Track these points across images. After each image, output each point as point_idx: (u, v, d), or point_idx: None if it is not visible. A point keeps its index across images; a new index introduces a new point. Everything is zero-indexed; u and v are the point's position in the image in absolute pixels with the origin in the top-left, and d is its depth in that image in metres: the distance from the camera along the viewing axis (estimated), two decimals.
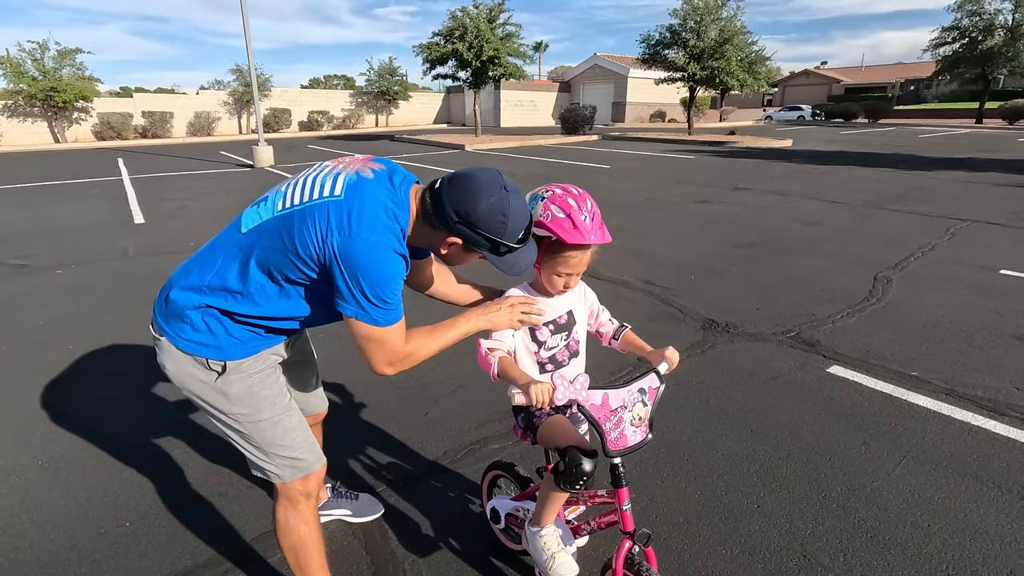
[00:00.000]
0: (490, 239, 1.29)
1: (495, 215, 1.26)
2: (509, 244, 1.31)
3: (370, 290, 1.25)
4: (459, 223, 1.28)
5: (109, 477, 2.36)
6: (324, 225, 1.25)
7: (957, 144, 19.20)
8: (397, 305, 1.32)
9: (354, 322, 1.30)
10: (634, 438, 1.41)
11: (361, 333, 1.32)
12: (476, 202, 1.26)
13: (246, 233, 1.34)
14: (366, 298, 1.26)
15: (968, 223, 6.89)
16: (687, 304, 4.28)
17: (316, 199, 1.29)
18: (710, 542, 1.98)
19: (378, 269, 1.25)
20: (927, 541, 1.96)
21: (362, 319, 1.29)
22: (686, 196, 9.17)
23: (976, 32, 29.59)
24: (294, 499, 1.48)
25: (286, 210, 1.30)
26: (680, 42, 22.18)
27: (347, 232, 1.24)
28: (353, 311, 1.28)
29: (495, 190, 1.27)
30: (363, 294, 1.26)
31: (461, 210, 1.27)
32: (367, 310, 1.28)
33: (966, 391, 2.97)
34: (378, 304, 1.28)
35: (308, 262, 1.28)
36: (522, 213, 1.31)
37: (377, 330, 1.31)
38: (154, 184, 11.38)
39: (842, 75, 57.46)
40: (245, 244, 1.33)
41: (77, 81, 24.68)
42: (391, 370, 1.38)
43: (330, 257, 1.25)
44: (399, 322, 1.34)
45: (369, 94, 35.95)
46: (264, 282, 1.33)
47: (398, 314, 1.33)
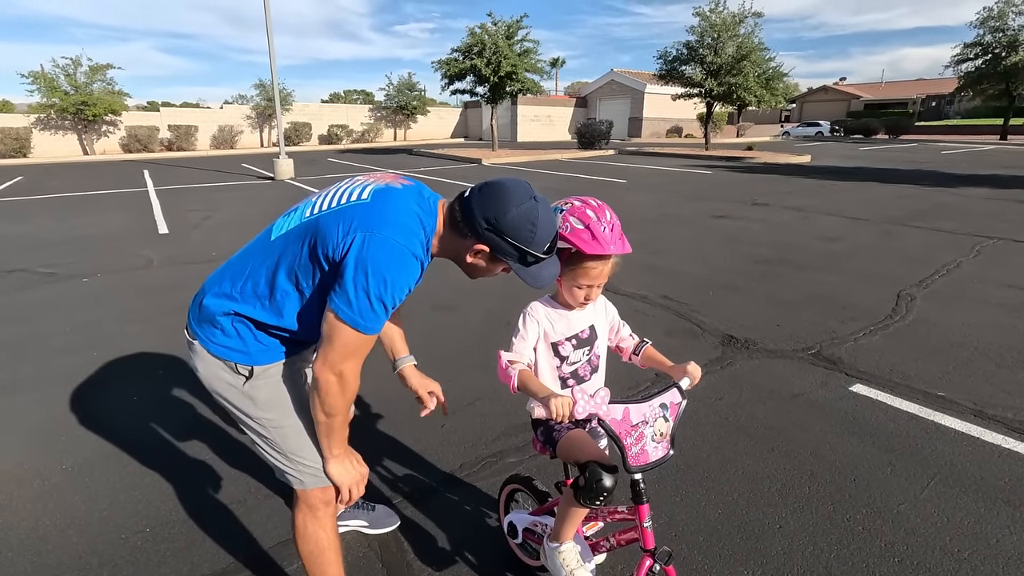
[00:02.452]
0: (518, 247, 1.29)
1: (524, 223, 1.27)
2: (536, 254, 1.30)
3: (374, 288, 1.22)
4: (488, 230, 1.28)
5: (131, 483, 2.39)
6: (349, 224, 1.26)
7: (981, 161, 18.88)
8: (385, 316, 1.28)
9: (333, 318, 1.24)
10: (655, 454, 1.40)
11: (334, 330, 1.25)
12: (506, 210, 1.26)
13: (275, 240, 1.37)
14: (366, 295, 1.22)
15: (994, 241, 6.75)
16: (706, 320, 4.24)
17: (344, 204, 1.32)
18: (731, 562, 1.94)
19: (391, 269, 1.23)
20: (957, 567, 1.90)
21: (343, 315, 1.23)
22: (704, 211, 9.13)
23: (1000, 48, 29.20)
24: (314, 506, 1.48)
25: (314, 216, 1.33)
26: (697, 58, 22.21)
27: (371, 229, 1.24)
28: (341, 303, 1.23)
29: (525, 199, 1.28)
30: (365, 290, 1.22)
31: (491, 217, 1.27)
32: (356, 307, 1.22)
33: (996, 412, 2.89)
34: (372, 304, 1.23)
35: (328, 264, 1.27)
36: (550, 224, 1.31)
37: (352, 332, 1.25)
38: (178, 195, 11.64)
39: (861, 91, 56.99)
40: (274, 251, 1.36)
41: (107, 96, 25.46)
42: (334, 381, 1.28)
43: (348, 252, 1.23)
44: (375, 335, 1.29)
45: (388, 108, 36.54)
46: (289, 289, 1.34)
47: (381, 325, 1.28)
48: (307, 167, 17.90)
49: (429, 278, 4.67)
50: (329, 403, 1.32)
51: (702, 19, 21.66)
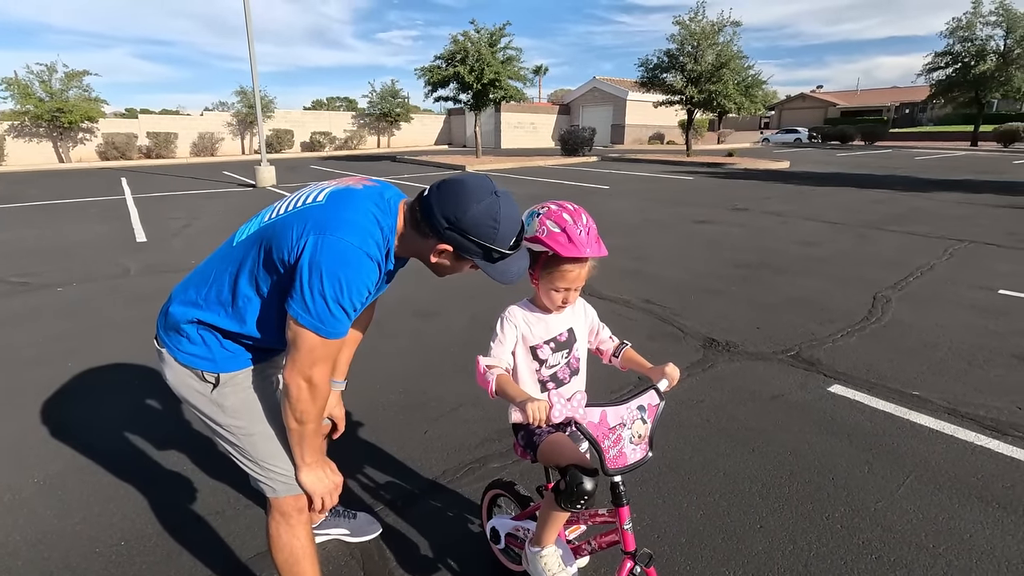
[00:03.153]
0: (481, 245, 1.27)
1: (486, 220, 1.25)
2: (501, 250, 1.29)
3: (330, 290, 1.20)
4: (449, 229, 1.26)
5: (106, 496, 2.34)
6: (303, 228, 1.25)
7: (953, 166, 19.38)
8: (347, 320, 1.26)
9: (294, 324, 1.23)
10: (633, 456, 1.40)
11: (297, 337, 1.24)
12: (466, 207, 1.24)
13: (237, 246, 1.37)
14: (323, 298, 1.20)
15: (966, 244, 6.93)
16: (687, 323, 4.28)
17: (300, 207, 1.31)
18: (712, 563, 1.95)
19: (346, 270, 1.21)
20: (932, 563, 1.94)
21: (303, 321, 1.21)
22: (685, 216, 9.23)
23: (969, 57, 30.05)
24: (287, 514, 1.46)
25: (272, 220, 1.33)
26: (678, 66, 22.56)
27: (323, 231, 1.22)
28: (299, 308, 1.21)
29: (485, 195, 1.26)
30: (321, 294, 1.20)
31: (451, 215, 1.25)
32: (315, 312, 1.21)
33: (968, 411, 2.95)
34: (331, 308, 1.21)
35: (284, 269, 1.26)
36: (513, 218, 1.29)
37: (315, 338, 1.23)
38: (157, 203, 11.46)
39: (838, 98, 58.25)
40: (235, 256, 1.35)
41: (83, 102, 25.02)
42: (304, 387, 1.27)
43: (301, 255, 1.21)
44: (340, 340, 1.28)
45: (371, 115, 36.43)
46: (251, 295, 1.33)
47: (344, 328, 1.27)
48: (289, 174, 17.76)
49: (409, 284, 4.70)
50: (300, 409, 1.30)
51: (682, 27, 22.03)
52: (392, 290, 5.46)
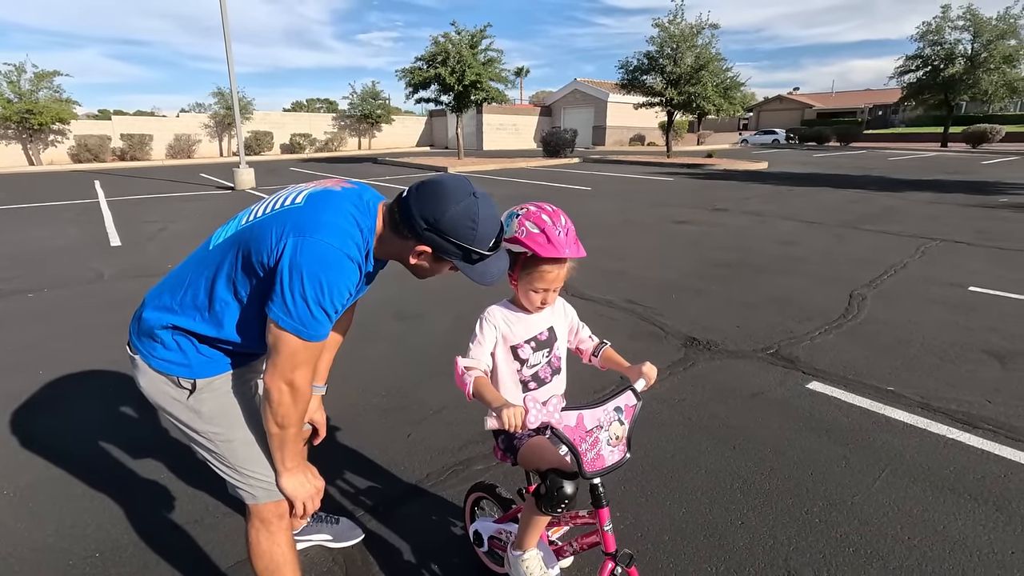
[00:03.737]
0: (460, 246, 1.27)
1: (464, 221, 1.25)
2: (480, 251, 1.29)
3: (311, 293, 1.19)
4: (428, 230, 1.26)
5: (80, 506, 2.28)
6: (282, 230, 1.24)
7: (924, 167, 19.88)
8: (328, 322, 1.26)
9: (275, 327, 1.22)
10: (611, 458, 1.40)
11: (278, 340, 1.23)
12: (444, 208, 1.24)
13: (213, 250, 1.35)
14: (304, 301, 1.19)
15: (938, 242, 7.10)
16: (669, 323, 4.32)
17: (279, 209, 1.30)
18: (695, 560, 1.97)
19: (327, 272, 1.21)
20: (908, 554, 1.98)
21: (284, 324, 1.20)
22: (666, 217, 9.32)
23: (938, 60, 30.86)
24: (267, 520, 1.44)
25: (250, 223, 1.31)
26: (657, 68, 22.78)
27: (303, 233, 1.22)
28: (279, 311, 1.20)
29: (464, 196, 1.25)
30: (302, 296, 1.19)
31: (429, 217, 1.25)
32: (296, 314, 1.20)
33: (941, 405, 3.03)
34: (312, 311, 1.20)
35: (264, 272, 1.25)
36: (492, 219, 1.29)
37: (296, 341, 1.22)
38: (132, 206, 11.23)
39: (814, 100, 59.39)
40: (212, 260, 1.33)
41: (54, 103, 24.38)
42: (286, 390, 1.26)
43: (281, 258, 1.21)
44: (321, 342, 1.27)
45: (352, 117, 36.13)
46: (228, 299, 1.31)
47: (325, 331, 1.26)
48: (269, 176, 17.52)
49: (391, 286, 4.67)
50: (282, 414, 1.29)
51: (661, 30, 22.25)
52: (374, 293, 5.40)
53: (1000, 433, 2.74)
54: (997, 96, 30.07)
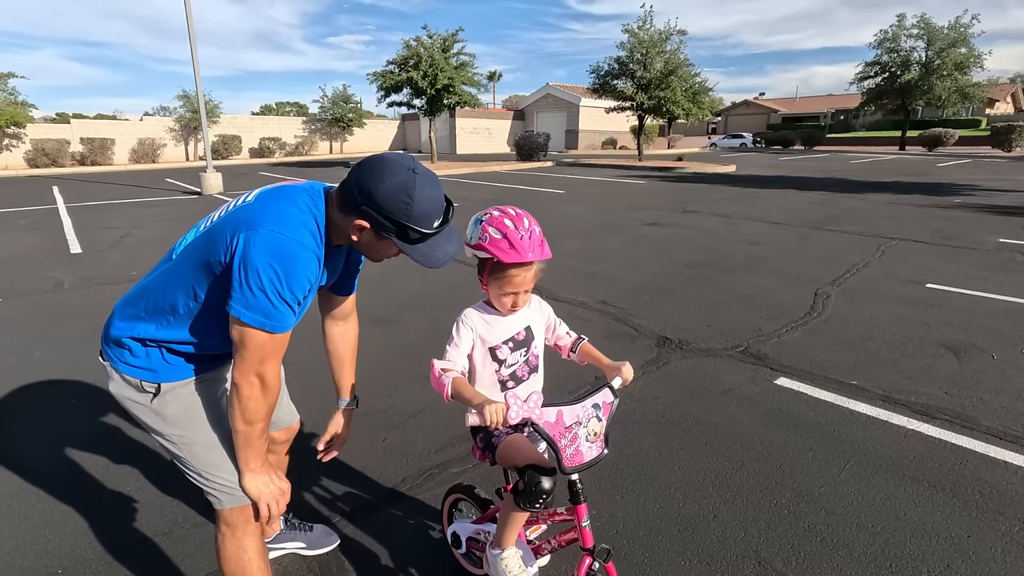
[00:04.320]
0: (395, 221, 1.25)
1: (399, 195, 1.23)
2: (418, 229, 1.26)
3: (268, 284, 1.19)
4: (363, 204, 1.25)
5: (40, 522, 2.20)
6: (234, 228, 1.25)
7: (883, 169, 20.61)
8: (291, 313, 1.25)
9: (238, 324, 1.21)
10: (590, 454, 1.43)
11: (244, 336, 1.22)
12: (379, 181, 1.23)
13: (176, 258, 1.36)
14: (263, 293, 1.19)
15: (897, 241, 7.38)
16: (641, 323, 4.39)
17: (231, 209, 1.32)
18: (669, 554, 2.01)
19: (281, 262, 1.20)
20: (871, 541, 2.05)
21: (247, 319, 1.20)
22: (638, 219, 9.46)
23: (895, 67, 32.10)
24: (233, 525, 1.44)
25: (207, 228, 1.33)
26: (628, 73, 23.12)
27: (253, 227, 1.22)
28: (240, 306, 1.20)
29: (401, 171, 1.24)
30: (260, 288, 1.19)
31: (365, 188, 1.24)
32: (257, 307, 1.19)
33: (901, 397, 3.14)
34: (273, 301, 1.20)
35: (222, 271, 1.25)
36: (430, 199, 1.26)
37: (260, 334, 1.22)
38: (93, 212, 10.87)
39: (779, 105, 61.02)
40: (175, 269, 1.35)
41: (8, 107, 23.47)
42: (256, 384, 1.27)
43: (235, 254, 1.21)
44: (287, 333, 1.27)
45: (323, 121, 35.68)
46: (192, 305, 1.33)
47: (290, 321, 1.27)
48: (237, 180, 17.17)
49: (367, 292, 4.63)
50: (251, 408, 1.29)
51: (631, 35, 22.60)
52: None
53: (956, 423, 2.87)
54: (950, 101, 31.43)
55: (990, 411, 2.98)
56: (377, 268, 1.39)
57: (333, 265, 1.48)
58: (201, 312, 1.33)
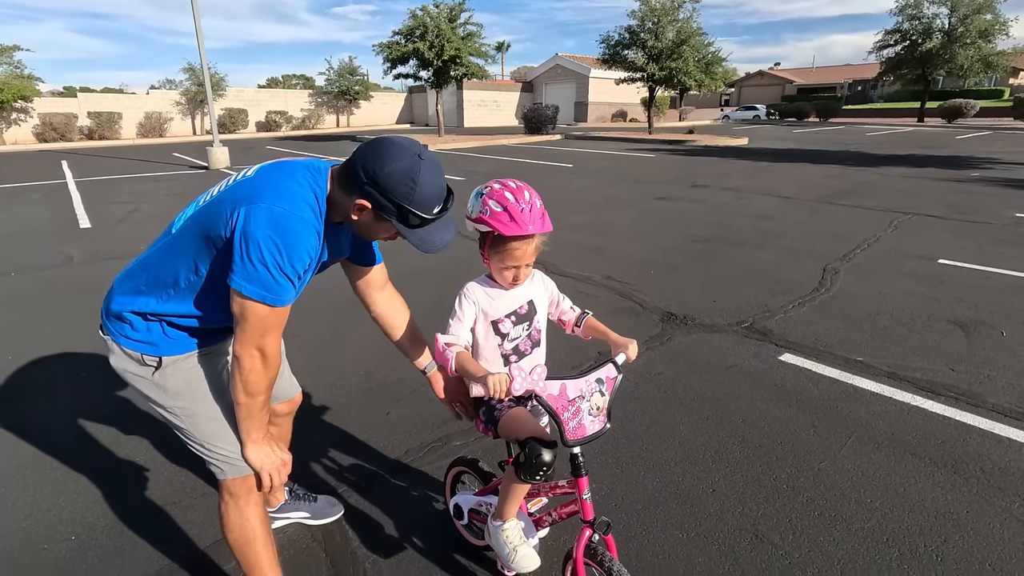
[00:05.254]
0: (398, 205, 1.26)
1: (403, 179, 1.24)
2: (419, 214, 1.27)
3: (269, 257, 1.20)
4: (367, 184, 1.25)
5: (54, 490, 2.26)
6: (234, 202, 1.25)
7: (900, 142, 20.14)
8: (292, 287, 1.27)
9: (239, 297, 1.22)
10: (592, 428, 1.44)
11: (244, 309, 1.23)
12: (385, 163, 1.24)
13: (176, 232, 1.37)
14: (264, 266, 1.20)
15: (910, 216, 7.24)
16: (647, 298, 4.37)
17: (231, 184, 1.33)
18: (667, 527, 2.03)
19: (282, 236, 1.21)
20: (869, 516, 2.06)
21: (248, 292, 1.21)
22: (646, 194, 9.35)
23: (916, 35, 31.08)
24: (235, 495, 1.47)
25: (207, 202, 1.34)
26: (639, 43, 22.58)
27: (253, 201, 1.23)
28: (241, 279, 1.21)
29: (408, 155, 1.25)
30: (261, 262, 1.20)
31: (370, 170, 1.24)
32: (258, 280, 1.21)
33: (907, 374, 3.12)
34: (273, 275, 1.21)
35: (223, 245, 1.26)
36: (434, 185, 1.28)
37: (261, 307, 1.23)
38: (102, 187, 10.91)
39: (794, 76, 59.49)
40: (175, 243, 1.35)
41: (15, 80, 23.41)
42: (257, 356, 1.28)
43: (235, 228, 1.22)
44: (287, 307, 1.29)
45: (329, 94, 35.30)
46: (192, 278, 1.33)
47: (291, 295, 1.28)
48: (243, 155, 17.12)
49: None
50: (252, 381, 1.31)
51: (643, 3, 22.00)
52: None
53: (961, 400, 2.85)
54: (972, 71, 30.47)
55: (997, 388, 2.96)
56: (383, 245, 1.39)
57: (334, 241, 1.48)
58: (202, 286, 1.34)
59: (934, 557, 1.88)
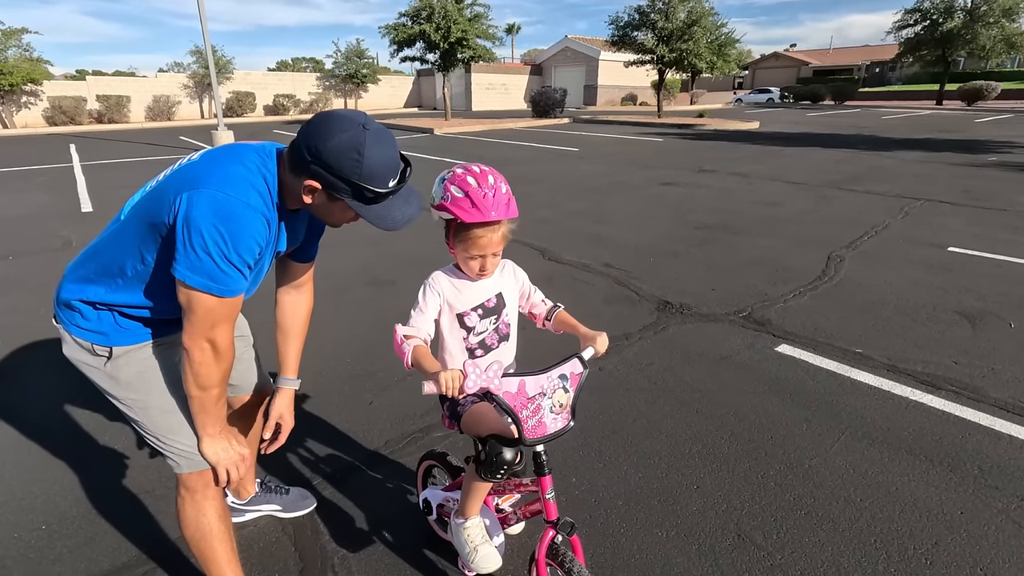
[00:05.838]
0: (347, 180, 1.18)
1: (348, 152, 1.15)
2: (371, 188, 1.19)
3: (213, 246, 1.14)
4: (312, 163, 1.18)
5: (31, 478, 2.25)
6: (177, 188, 1.19)
7: (917, 125, 19.64)
8: (240, 276, 1.21)
9: (185, 287, 1.17)
10: (554, 425, 1.37)
11: (191, 300, 1.18)
12: (327, 137, 1.15)
13: (124, 219, 1.31)
14: (208, 255, 1.14)
15: (922, 202, 7.04)
16: (644, 286, 4.27)
17: (176, 168, 1.27)
18: (646, 524, 1.97)
19: (225, 222, 1.15)
20: (858, 516, 1.99)
21: (193, 282, 1.15)
22: (652, 179, 9.18)
23: (937, 14, 30.17)
24: (192, 489, 1.43)
25: (152, 187, 1.28)
26: (649, 24, 22.09)
27: (196, 186, 1.17)
28: (185, 269, 1.15)
29: (351, 127, 1.16)
30: (205, 250, 1.14)
31: (312, 146, 1.17)
32: (203, 270, 1.15)
33: (907, 366, 3.02)
34: (219, 264, 1.15)
35: (167, 232, 1.20)
36: (384, 156, 1.19)
37: (209, 298, 1.18)
38: (107, 171, 10.92)
39: (811, 57, 58.13)
40: (123, 230, 1.30)
41: (24, 63, 23.44)
42: (207, 349, 1.23)
43: (178, 215, 1.15)
44: (238, 297, 1.23)
45: (337, 77, 35.05)
46: (139, 267, 1.28)
47: (240, 285, 1.22)
48: (249, 139, 16.91)
49: (367, 253, 4.55)
50: (204, 374, 1.26)
51: None
52: (351, 260, 5.31)
53: (963, 394, 2.75)
54: (995, 52, 29.58)
55: (1000, 382, 2.85)
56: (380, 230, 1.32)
57: (293, 230, 1.42)
58: (150, 275, 1.29)
59: (923, 560, 1.81)
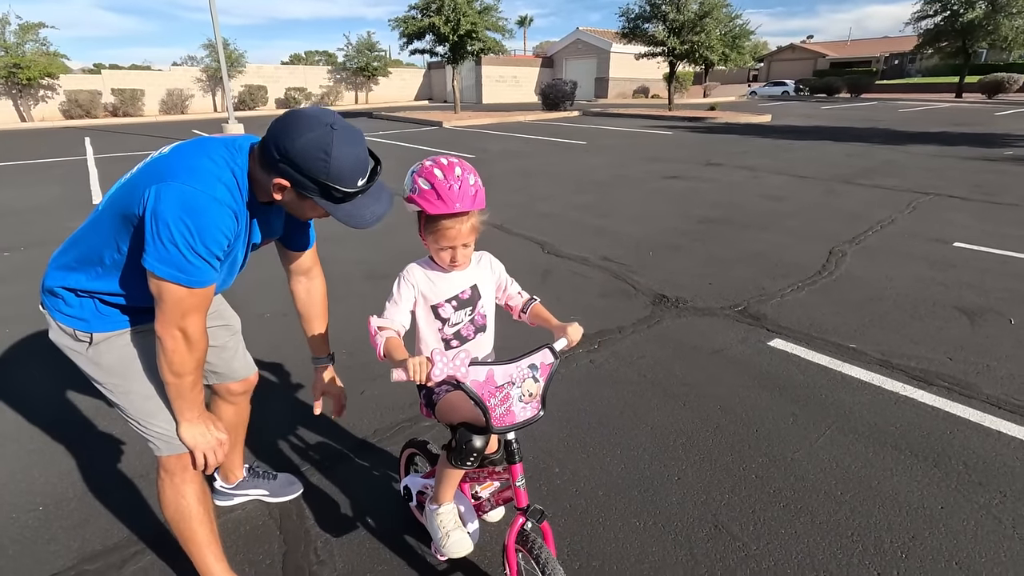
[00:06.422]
0: (315, 180, 1.20)
1: (314, 152, 1.18)
2: (339, 188, 1.22)
3: (180, 238, 1.17)
4: (281, 162, 1.21)
5: (30, 462, 2.32)
6: (147, 181, 1.23)
7: (933, 118, 19.28)
8: (208, 267, 1.24)
9: (154, 278, 1.21)
10: (523, 414, 1.40)
11: (161, 290, 1.22)
12: (295, 137, 1.18)
13: (102, 209, 1.35)
14: (175, 247, 1.17)
15: (931, 197, 6.94)
16: (641, 280, 4.27)
17: (148, 162, 1.31)
18: (625, 514, 1.99)
19: (191, 215, 1.18)
20: (837, 509, 2.00)
21: (162, 273, 1.19)
22: (657, 172, 9.13)
23: (957, 5, 29.50)
24: (171, 472, 1.48)
25: (126, 179, 1.32)
26: (660, 15, 21.86)
27: (163, 179, 1.20)
28: (153, 260, 1.18)
29: (318, 126, 1.19)
30: (172, 242, 1.17)
31: (281, 146, 1.20)
32: (171, 261, 1.18)
33: (900, 362, 3.01)
34: (186, 255, 1.19)
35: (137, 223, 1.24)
36: (351, 155, 1.21)
37: (178, 288, 1.21)
38: (120, 164, 11.08)
39: (828, 49, 57.18)
40: (100, 220, 1.34)
41: (42, 57, 23.78)
42: (179, 338, 1.27)
43: (146, 208, 1.19)
44: (207, 288, 1.27)
45: (348, 70, 35.16)
46: (116, 256, 1.32)
47: (209, 276, 1.26)
48: (260, 132, 17.10)
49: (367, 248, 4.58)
50: (177, 362, 1.30)
51: None
52: (351, 253, 5.35)
53: (954, 390, 2.73)
54: (1017, 43, 28.88)
55: (994, 378, 2.83)
56: (383, 222, 1.35)
57: (267, 223, 1.46)
58: (125, 264, 1.33)
59: (899, 553, 1.81)
